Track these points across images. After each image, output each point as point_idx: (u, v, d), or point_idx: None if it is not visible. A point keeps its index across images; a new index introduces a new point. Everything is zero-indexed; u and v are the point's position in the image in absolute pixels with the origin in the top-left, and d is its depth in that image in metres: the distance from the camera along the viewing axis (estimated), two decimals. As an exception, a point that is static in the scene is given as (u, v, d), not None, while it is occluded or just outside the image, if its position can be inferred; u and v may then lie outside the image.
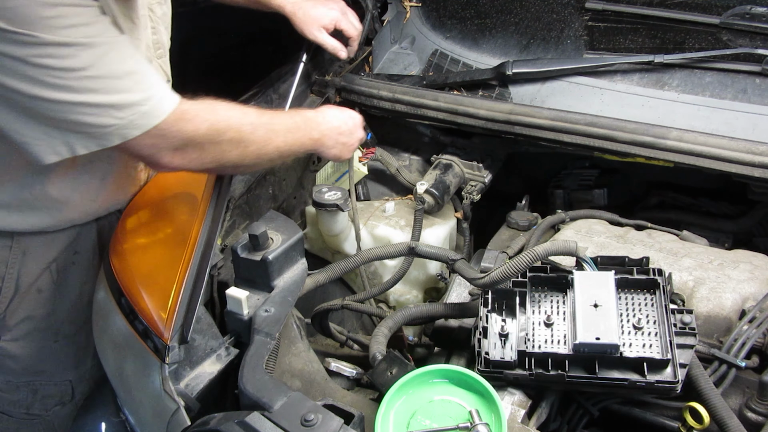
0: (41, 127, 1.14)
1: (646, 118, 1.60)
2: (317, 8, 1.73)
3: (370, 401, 1.23)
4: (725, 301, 1.28)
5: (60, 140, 1.15)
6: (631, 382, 1.11)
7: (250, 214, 1.66)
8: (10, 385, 1.67)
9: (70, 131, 1.15)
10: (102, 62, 1.11)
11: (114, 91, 1.13)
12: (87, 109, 1.12)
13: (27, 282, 1.53)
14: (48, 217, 1.48)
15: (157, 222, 1.49)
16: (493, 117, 1.69)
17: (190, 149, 1.26)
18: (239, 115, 1.34)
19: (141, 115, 1.16)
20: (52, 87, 1.08)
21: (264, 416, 1.04)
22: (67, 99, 1.10)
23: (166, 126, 1.19)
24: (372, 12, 2.08)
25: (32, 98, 1.09)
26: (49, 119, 1.13)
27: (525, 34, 1.90)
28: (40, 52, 1.05)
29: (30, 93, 1.09)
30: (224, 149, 1.30)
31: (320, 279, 1.44)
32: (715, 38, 1.68)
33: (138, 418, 1.37)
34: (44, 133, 1.15)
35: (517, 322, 1.20)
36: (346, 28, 1.77)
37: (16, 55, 1.05)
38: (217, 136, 1.28)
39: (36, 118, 1.13)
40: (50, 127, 1.14)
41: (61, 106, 1.11)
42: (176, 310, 1.25)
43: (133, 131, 1.17)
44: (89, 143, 1.17)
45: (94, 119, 1.13)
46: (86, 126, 1.14)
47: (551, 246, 1.21)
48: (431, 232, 1.76)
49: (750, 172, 1.44)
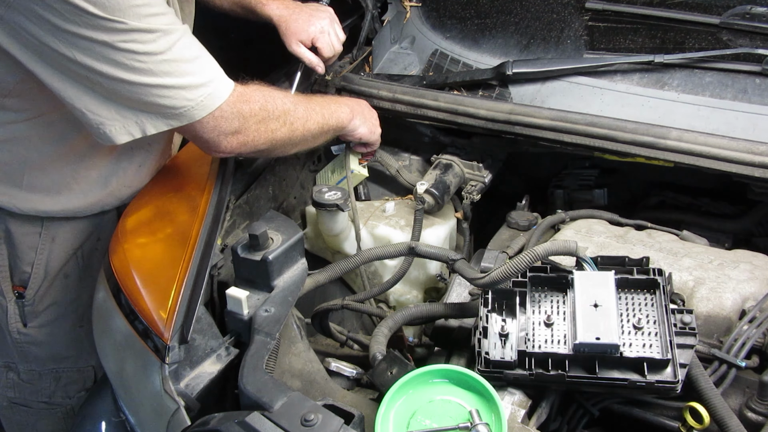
0: (117, 108, 1.21)
1: (646, 118, 1.60)
2: (299, 22, 1.74)
3: (370, 401, 1.23)
4: (725, 301, 1.28)
5: (133, 120, 1.23)
6: (631, 382, 1.11)
7: (250, 214, 1.66)
8: (33, 375, 1.69)
9: (144, 112, 1.22)
10: (176, 47, 1.21)
11: (185, 74, 1.22)
12: (162, 91, 1.20)
13: (55, 268, 1.56)
14: (83, 200, 1.51)
15: (157, 222, 1.49)
16: (493, 117, 1.69)
17: (246, 130, 1.35)
18: (281, 95, 1.45)
19: (207, 96, 1.25)
20: (133, 70, 1.16)
21: (264, 416, 1.04)
22: (145, 81, 1.18)
23: (227, 107, 1.29)
24: (372, 12, 2.08)
25: (114, 80, 1.16)
26: (126, 100, 1.20)
27: (525, 34, 1.90)
28: (126, 37, 1.14)
29: (113, 75, 1.16)
30: (274, 128, 1.40)
31: (320, 279, 1.44)
32: (715, 38, 1.68)
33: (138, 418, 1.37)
34: (119, 114, 1.22)
35: (517, 322, 1.20)
36: (321, 47, 1.75)
37: (104, 40, 1.12)
38: (268, 115, 1.38)
39: (114, 99, 1.20)
40: (125, 109, 1.21)
41: (139, 88, 1.19)
42: (176, 310, 1.25)
43: (200, 112, 1.25)
44: (159, 123, 1.25)
45: (168, 101, 1.22)
46: (160, 107, 1.22)
47: (551, 246, 1.21)
48: (431, 232, 1.76)
49: (750, 172, 1.44)
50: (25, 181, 1.43)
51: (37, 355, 1.66)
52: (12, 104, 1.31)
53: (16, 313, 1.56)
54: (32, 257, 1.52)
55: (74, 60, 1.14)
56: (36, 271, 1.53)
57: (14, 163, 1.41)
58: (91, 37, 1.11)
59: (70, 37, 1.11)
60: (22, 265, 1.53)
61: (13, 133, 1.36)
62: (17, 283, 1.55)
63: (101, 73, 1.15)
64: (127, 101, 1.20)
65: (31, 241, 1.51)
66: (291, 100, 1.46)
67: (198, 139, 1.34)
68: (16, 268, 1.53)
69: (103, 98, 1.20)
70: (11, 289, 1.54)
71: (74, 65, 1.15)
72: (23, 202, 1.46)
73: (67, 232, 1.55)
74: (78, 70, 1.16)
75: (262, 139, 1.39)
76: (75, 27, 1.10)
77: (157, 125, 1.25)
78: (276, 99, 1.41)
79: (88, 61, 1.14)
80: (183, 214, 1.48)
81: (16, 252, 1.51)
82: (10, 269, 1.53)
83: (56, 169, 1.45)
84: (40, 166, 1.42)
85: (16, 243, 1.50)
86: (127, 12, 1.12)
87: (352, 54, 2.08)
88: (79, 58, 1.13)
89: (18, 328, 1.58)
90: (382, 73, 1.99)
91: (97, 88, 1.19)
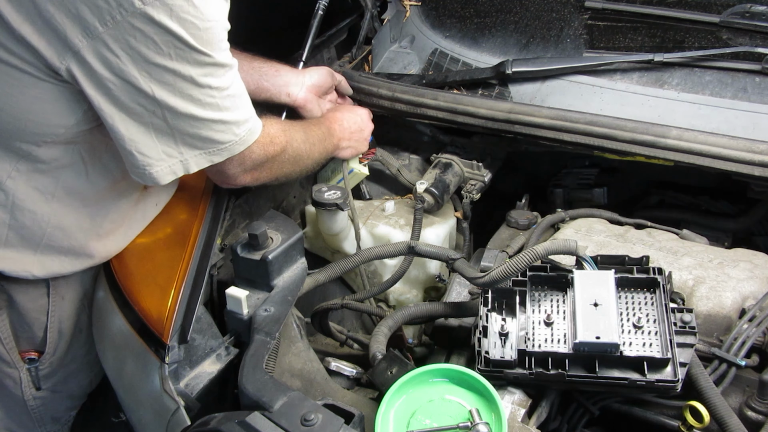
0: (166, 148, 1.19)
1: (646, 116, 1.60)
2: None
3: (370, 401, 1.23)
4: (725, 299, 1.28)
5: (178, 160, 1.21)
6: (631, 381, 1.11)
7: (249, 214, 1.65)
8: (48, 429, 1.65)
9: (191, 149, 1.21)
10: (235, 82, 1.22)
11: (238, 108, 1.23)
12: (220, 126, 1.21)
13: (69, 326, 1.50)
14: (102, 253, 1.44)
15: (156, 222, 1.49)
16: (493, 116, 1.69)
17: (263, 168, 1.36)
18: (293, 132, 1.45)
19: (248, 131, 1.26)
20: (204, 105, 1.16)
21: (264, 416, 1.04)
22: (210, 117, 1.18)
23: (257, 146, 1.30)
24: (371, 11, 2.08)
25: (182, 116, 1.16)
26: (183, 136, 1.19)
27: (524, 32, 1.90)
28: (207, 71, 1.14)
29: (183, 110, 1.15)
30: (284, 166, 1.42)
31: (320, 278, 1.44)
32: (714, 37, 1.68)
33: (138, 418, 1.37)
34: (166, 154, 1.20)
35: (517, 322, 1.20)
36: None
37: (190, 74, 1.12)
38: (283, 155, 1.40)
39: (166, 136, 1.18)
40: (173, 148, 1.20)
41: (202, 123, 1.18)
42: (176, 310, 1.25)
43: (240, 147, 1.26)
44: (202, 161, 1.24)
45: (221, 135, 1.21)
46: (210, 142, 1.21)
47: (551, 245, 1.21)
48: (431, 231, 1.76)
49: (750, 171, 1.44)
50: (44, 241, 1.33)
51: (54, 414, 1.61)
52: (45, 154, 1.23)
53: (29, 380, 1.50)
54: (44, 321, 1.45)
55: (150, 95, 1.12)
56: (51, 335, 1.47)
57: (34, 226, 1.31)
58: (179, 70, 1.10)
59: (156, 71, 1.10)
60: (32, 330, 1.46)
61: (37, 186, 1.27)
62: (27, 348, 1.47)
63: (172, 108, 1.14)
64: (183, 136, 1.19)
65: (39, 306, 1.44)
66: (300, 139, 1.46)
67: (219, 173, 1.33)
68: (23, 334, 1.45)
69: (158, 137, 1.18)
70: (20, 358, 1.47)
71: (146, 101, 1.12)
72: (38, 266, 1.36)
73: (74, 285, 1.48)
74: (147, 106, 1.13)
75: (272, 176, 1.42)
76: (165, 60, 1.09)
77: (200, 162, 1.23)
78: (292, 139, 1.42)
79: (163, 96, 1.12)
80: (182, 214, 1.48)
81: (24, 319, 1.43)
82: (15, 337, 1.45)
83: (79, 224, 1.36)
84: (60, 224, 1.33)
85: (22, 310, 1.42)
86: (215, 45, 1.13)
87: (352, 53, 2.07)
88: (156, 93, 1.11)
89: (33, 393, 1.52)
90: (381, 73, 1.99)
91: (158, 125, 1.16)
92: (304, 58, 1.83)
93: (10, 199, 1.26)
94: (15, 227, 1.30)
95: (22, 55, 1.09)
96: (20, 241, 1.32)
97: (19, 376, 1.48)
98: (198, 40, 1.09)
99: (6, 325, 1.42)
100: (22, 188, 1.26)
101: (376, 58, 2.05)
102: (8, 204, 1.27)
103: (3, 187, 1.25)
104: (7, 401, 1.54)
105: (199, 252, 1.36)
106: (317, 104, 1.72)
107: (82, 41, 1.06)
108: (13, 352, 1.45)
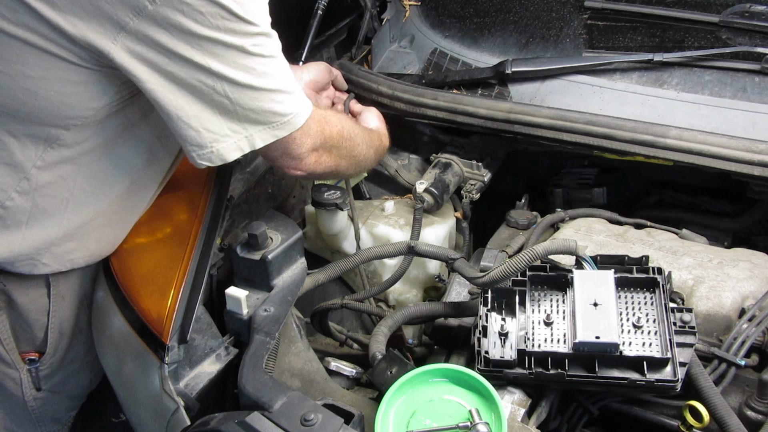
0: (230, 123, 1.18)
1: (646, 116, 1.60)
2: None
3: (369, 400, 1.23)
4: (725, 299, 1.28)
5: (243, 135, 1.20)
6: (630, 380, 1.11)
7: (249, 214, 1.65)
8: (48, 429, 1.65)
9: (254, 123, 1.19)
10: (281, 51, 1.20)
11: (290, 77, 1.22)
12: (279, 96, 1.19)
13: (70, 326, 1.50)
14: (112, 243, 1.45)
15: (156, 222, 1.49)
16: (493, 116, 1.69)
17: (322, 150, 1.34)
18: (352, 125, 1.45)
19: (302, 103, 1.25)
20: (260, 75, 1.15)
21: (264, 416, 1.04)
22: (268, 86, 1.17)
23: (312, 122, 1.28)
24: (371, 11, 2.08)
25: (242, 87, 1.14)
26: (246, 110, 1.17)
27: (524, 32, 1.90)
28: (256, 41, 1.13)
29: (242, 81, 1.14)
30: (342, 154, 1.40)
31: (320, 278, 1.44)
32: (714, 36, 1.68)
33: (138, 418, 1.37)
34: (231, 129, 1.18)
35: (516, 321, 1.20)
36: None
37: (240, 44, 1.11)
38: (341, 142, 1.38)
39: (231, 112, 1.17)
40: (237, 123, 1.18)
41: (262, 94, 1.17)
42: (175, 310, 1.25)
43: (300, 119, 1.24)
44: (266, 135, 1.22)
45: (281, 107, 1.20)
46: (273, 115, 1.20)
47: (551, 245, 1.21)
48: (430, 231, 1.76)
49: (749, 171, 1.44)
50: (61, 230, 1.33)
51: (54, 414, 1.61)
52: (71, 138, 1.22)
53: (29, 381, 1.50)
54: (44, 321, 1.44)
55: (207, 69, 1.10)
56: (52, 335, 1.46)
57: (53, 212, 1.31)
58: (229, 41, 1.09)
59: (208, 44, 1.08)
60: (33, 331, 1.45)
61: (61, 174, 1.26)
62: (27, 349, 1.47)
63: (231, 80, 1.13)
64: (246, 111, 1.17)
65: (40, 306, 1.43)
66: (357, 133, 1.45)
67: (286, 156, 1.30)
68: (23, 335, 1.45)
69: (222, 112, 1.16)
70: (20, 359, 1.46)
71: (204, 75, 1.11)
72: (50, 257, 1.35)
73: (75, 285, 1.48)
74: (206, 81, 1.12)
75: (333, 164, 1.38)
76: (214, 32, 1.07)
77: (264, 137, 1.21)
78: (351, 128, 1.42)
79: (220, 69, 1.11)
80: (182, 214, 1.47)
81: (24, 320, 1.42)
82: (15, 338, 1.44)
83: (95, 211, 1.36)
84: (78, 209, 1.33)
85: (22, 311, 1.41)
86: (258, 14, 1.12)
87: (351, 53, 2.07)
88: (213, 66, 1.10)
89: (33, 394, 1.52)
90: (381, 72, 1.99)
91: (220, 101, 1.15)
92: (304, 58, 1.83)
93: (34, 186, 1.26)
94: (35, 215, 1.29)
95: (61, 42, 1.08)
96: (38, 229, 1.31)
97: (20, 377, 1.48)
98: (243, 9, 1.09)
99: (6, 325, 1.41)
100: (45, 176, 1.25)
101: (376, 58, 2.05)
102: (31, 191, 1.26)
103: (27, 175, 1.24)
104: (7, 402, 1.53)
105: (199, 252, 1.36)
106: (315, 100, 1.69)
107: (133, 20, 1.04)
108: (14, 353, 1.44)
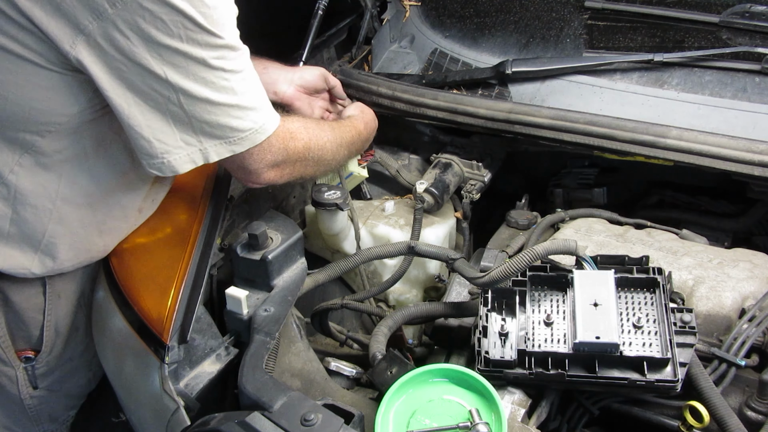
0: (184, 135, 1.17)
1: (646, 116, 1.60)
2: None
3: (369, 401, 1.23)
4: (725, 299, 1.28)
5: (197, 148, 1.18)
6: (631, 381, 1.11)
7: (249, 214, 1.65)
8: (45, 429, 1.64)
9: (210, 137, 1.18)
10: (249, 67, 1.19)
11: (253, 93, 1.20)
12: (237, 112, 1.17)
13: (66, 325, 1.49)
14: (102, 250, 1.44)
15: (156, 222, 1.48)
16: (493, 116, 1.69)
17: (284, 165, 1.33)
18: (321, 133, 1.42)
19: (266, 120, 1.22)
20: (219, 89, 1.13)
21: (264, 416, 1.04)
22: (226, 101, 1.15)
23: (275, 139, 1.26)
24: (371, 11, 2.08)
25: (197, 100, 1.13)
26: (201, 123, 1.16)
27: (524, 32, 1.90)
28: (219, 54, 1.11)
29: (198, 95, 1.12)
30: (307, 165, 1.38)
31: (320, 278, 1.44)
32: (714, 37, 1.68)
33: (138, 418, 1.37)
34: (184, 142, 1.17)
35: (516, 321, 1.20)
36: None
37: (202, 56, 1.09)
38: (307, 154, 1.36)
39: (184, 124, 1.15)
40: (192, 135, 1.17)
41: (219, 108, 1.15)
42: (176, 310, 1.25)
43: (260, 136, 1.22)
44: (222, 150, 1.20)
45: (239, 122, 1.18)
46: (230, 130, 1.18)
47: (551, 245, 1.21)
48: (431, 231, 1.76)
49: (749, 171, 1.44)
50: (45, 237, 1.31)
51: (51, 413, 1.61)
52: (49, 146, 1.21)
53: (25, 379, 1.50)
54: (40, 320, 1.44)
55: (163, 78, 1.09)
56: (47, 333, 1.46)
57: (35, 221, 1.29)
58: (190, 52, 1.08)
59: (167, 53, 1.07)
60: (29, 329, 1.45)
61: (40, 181, 1.25)
62: (23, 347, 1.47)
63: (187, 92, 1.11)
64: (201, 124, 1.16)
65: (35, 305, 1.42)
66: (328, 139, 1.43)
67: (242, 169, 1.29)
68: (19, 333, 1.45)
69: (175, 124, 1.15)
70: (16, 357, 1.46)
71: (160, 85, 1.10)
72: (38, 264, 1.34)
73: (70, 284, 1.47)
74: (162, 91, 1.10)
75: (296, 174, 1.38)
76: (176, 41, 1.06)
77: (220, 151, 1.20)
78: (318, 138, 1.40)
79: (177, 80, 1.09)
80: (182, 214, 1.47)
81: (20, 318, 1.42)
82: (11, 336, 1.44)
83: (81, 220, 1.34)
84: (62, 219, 1.32)
85: (18, 309, 1.41)
86: (224, 26, 1.10)
87: (351, 53, 2.07)
88: (170, 76, 1.09)
89: (29, 392, 1.52)
90: (381, 72, 1.99)
91: (174, 112, 1.13)
92: (304, 58, 1.83)
93: (12, 193, 1.25)
94: (17, 222, 1.28)
95: (28, 43, 1.07)
96: (22, 237, 1.31)
97: (16, 375, 1.48)
98: (208, 20, 1.07)
99: (2, 323, 1.41)
100: (24, 183, 1.24)
101: (376, 58, 2.05)
102: (10, 198, 1.26)
103: (5, 180, 1.23)
104: (3, 400, 1.53)
105: (199, 252, 1.36)
106: (307, 102, 1.69)
107: (92, 23, 1.03)
108: (9, 351, 1.44)
